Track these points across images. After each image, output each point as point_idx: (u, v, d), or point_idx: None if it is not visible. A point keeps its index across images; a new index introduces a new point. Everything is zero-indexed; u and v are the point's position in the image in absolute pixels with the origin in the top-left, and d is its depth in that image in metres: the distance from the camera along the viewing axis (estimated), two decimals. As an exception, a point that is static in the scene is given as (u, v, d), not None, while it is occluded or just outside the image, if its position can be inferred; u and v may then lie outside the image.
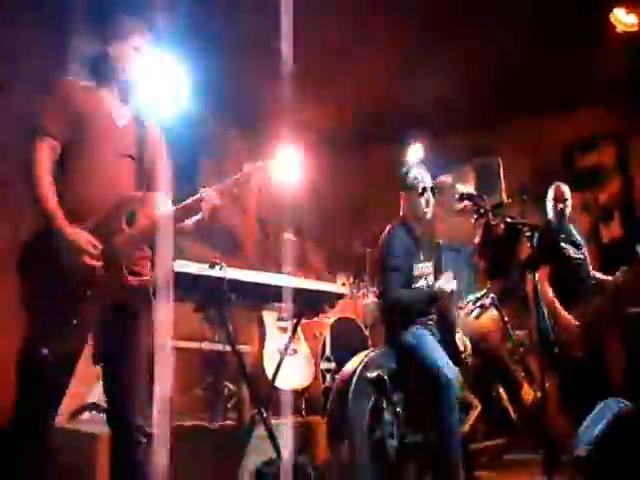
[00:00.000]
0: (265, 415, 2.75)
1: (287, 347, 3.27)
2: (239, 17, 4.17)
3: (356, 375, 2.87)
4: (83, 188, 1.91)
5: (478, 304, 3.76)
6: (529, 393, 3.50)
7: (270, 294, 2.80)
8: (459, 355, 3.13)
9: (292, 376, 3.84)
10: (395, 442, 2.89)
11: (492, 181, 5.81)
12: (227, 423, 3.30)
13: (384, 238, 3.20)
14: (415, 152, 5.71)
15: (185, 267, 2.41)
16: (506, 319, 3.77)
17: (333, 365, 4.16)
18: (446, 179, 3.67)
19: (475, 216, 3.18)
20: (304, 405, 4.02)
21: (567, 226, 4.09)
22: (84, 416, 3.42)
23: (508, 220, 3.17)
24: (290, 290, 2.79)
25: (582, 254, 4.03)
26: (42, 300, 1.81)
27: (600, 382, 3.64)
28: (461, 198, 3.07)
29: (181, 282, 2.35)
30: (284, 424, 3.14)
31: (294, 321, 3.22)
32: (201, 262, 2.49)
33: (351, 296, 4.86)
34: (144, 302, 1.98)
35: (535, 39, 4.52)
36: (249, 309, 3.79)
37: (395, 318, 3.09)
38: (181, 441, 2.65)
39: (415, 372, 2.96)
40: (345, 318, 4.44)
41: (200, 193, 1.99)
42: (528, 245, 3.39)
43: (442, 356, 2.96)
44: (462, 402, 2.96)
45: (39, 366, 1.78)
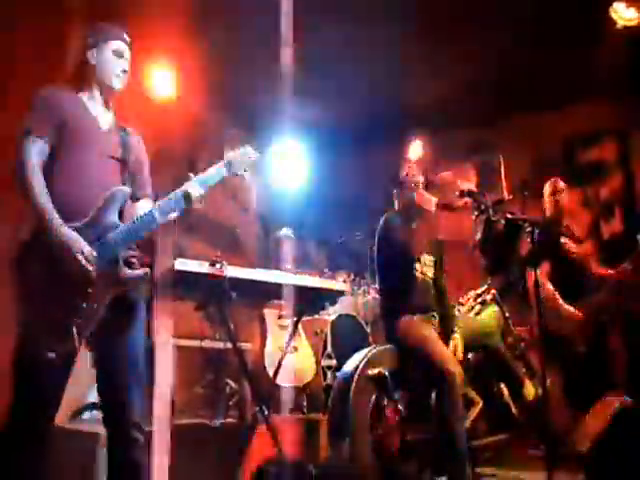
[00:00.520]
0: (266, 413, 2.75)
1: (288, 345, 3.27)
2: (239, 16, 4.16)
3: (357, 372, 2.87)
4: (70, 189, 1.93)
5: (479, 300, 3.75)
6: (530, 389, 3.49)
7: (271, 292, 2.80)
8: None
9: (293, 373, 3.84)
10: (397, 439, 2.89)
11: (493, 177, 5.80)
12: (228, 421, 3.30)
13: (383, 222, 3.25)
14: (415, 149, 5.71)
15: (186, 265, 2.41)
16: (507, 315, 3.76)
17: (334, 362, 4.16)
18: (447, 176, 3.66)
19: (476, 212, 3.17)
20: (305, 402, 4.03)
21: (568, 222, 4.08)
22: (85, 416, 3.42)
23: (509, 216, 3.16)
24: (291, 288, 2.79)
25: (583, 250, 4.03)
26: (42, 300, 1.81)
27: (602, 377, 3.64)
28: (462, 195, 3.07)
29: (182, 280, 2.35)
30: (285, 421, 3.14)
31: (295, 319, 3.22)
32: (202, 260, 2.48)
33: (352, 293, 4.86)
34: (141, 296, 1.99)
35: (535, 35, 4.51)
36: (250, 307, 3.79)
37: (396, 314, 3.09)
38: (182, 439, 2.65)
39: (417, 368, 2.96)
40: (346, 315, 4.44)
41: (184, 185, 2.05)
42: (529, 241, 3.39)
43: (445, 351, 2.95)
44: (464, 398, 2.96)
45: (38, 367, 1.78)
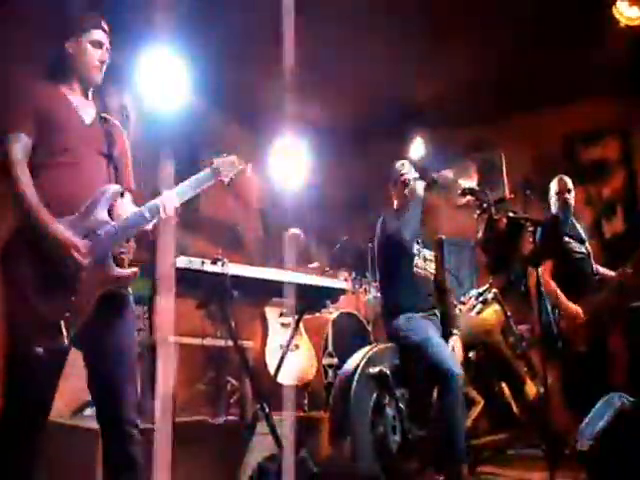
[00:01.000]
0: (267, 410, 2.75)
1: (289, 343, 3.27)
2: (240, 15, 4.16)
3: (358, 370, 2.87)
4: (57, 185, 1.91)
5: (480, 299, 3.75)
6: (532, 388, 3.49)
7: (272, 290, 2.80)
8: None
9: (294, 372, 3.84)
10: (398, 438, 2.89)
11: (494, 176, 5.80)
12: (229, 418, 3.30)
13: (380, 220, 3.25)
14: (416, 147, 5.71)
15: (187, 263, 2.41)
16: (509, 314, 3.76)
17: (335, 360, 4.16)
18: (448, 174, 3.66)
19: (477, 211, 3.17)
20: (306, 400, 4.03)
21: (571, 220, 4.07)
22: (86, 412, 3.43)
23: (510, 215, 3.16)
24: (292, 286, 2.79)
25: (585, 249, 4.02)
26: (30, 295, 1.80)
27: (603, 377, 3.64)
28: (463, 193, 3.07)
29: (183, 278, 2.35)
30: (286, 420, 3.14)
31: (296, 317, 3.22)
32: (203, 258, 2.49)
33: (353, 291, 4.86)
34: (130, 293, 1.98)
35: (537, 34, 4.50)
36: (251, 305, 3.79)
37: (397, 313, 3.09)
38: (183, 436, 2.65)
39: (419, 367, 2.95)
40: (347, 313, 4.44)
41: (162, 194, 2.01)
42: (530, 240, 3.39)
43: (447, 350, 2.95)
44: (465, 397, 2.96)
45: (28, 363, 1.77)
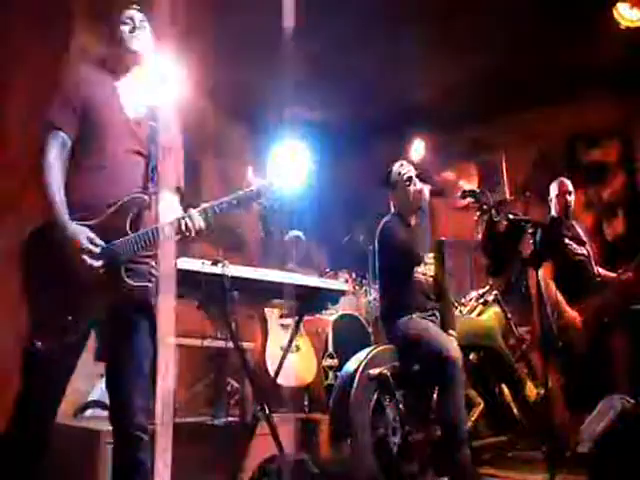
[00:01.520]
0: (268, 412, 2.75)
1: (290, 344, 3.27)
2: (242, 14, 4.16)
3: (359, 372, 2.87)
4: (90, 185, 1.90)
5: (481, 301, 3.75)
6: (532, 390, 3.49)
7: (273, 291, 2.80)
8: None
9: (295, 373, 3.85)
10: (398, 439, 2.89)
11: (495, 178, 5.80)
12: (230, 419, 3.30)
13: (381, 227, 3.23)
14: (417, 149, 5.71)
15: (188, 264, 2.41)
16: (509, 316, 3.76)
17: (336, 362, 4.17)
18: (449, 176, 3.66)
19: (478, 213, 3.17)
20: (307, 402, 4.03)
21: (571, 222, 4.08)
22: (88, 413, 3.43)
23: (511, 217, 3.16)
24: (292, 287, 2.79)
25: (586, 250, 4.02)
26: (40, 293, 1.81)
27: (602, 379, 3.64)
28: (464, 195, 3.07)
29: (184, 279, 2.35)
30: (286, 421, 3.14)
31: (297, 318, 3.22)
32: (203, 259, 2.49)
33: (354, 293, 4.87)
34: (145, 303, 1.96)
35: (537, 35, 4.51)
36: (252, 306, 3.79)
37: (397, 314, 3.09)
38: (183, 437, 2.65)
39: (418, 359, 2.96)
40: (348, 315, 4.44)
41: (187, 213, 1.96)
42: (531, 242, 3.39)
43: (447, 339, 2.95)
44: (465, 399, 2.95)
45: (36, 360, 1.78)
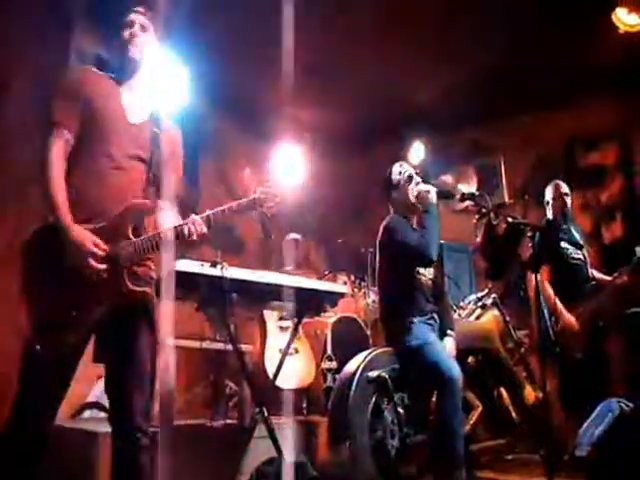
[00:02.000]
0: (266, 414, 2.75)
1: (288, 346, 3.27)
2: (241, 15, 4.17)
3: (357, 375, 2.87)
4: (89, 188, 1.90)
5: (479, 304, 3.75)
6: (530, 393, 3.49)
7: (271, 293, 2.80)
8: None
9: (293, 375, 3.84)
10: (396, 442, 2.89)
11: (494, 181, 5.81)
12: (228, 422, 3.30)
13: (385, 226, 3.17)
14: (416, 151, 5.72)
15: (187, 266, 2.41)
16: (507, 319, 3.76)
17: (334, 364, 4.16)
18: (447, 179, 3.67)
19: (476, 216, 3.17)
20: (305, 404, 4.03)
21: (568, 226, 4.08)
22: (85, 415, 3.43)
23: (509, 220, 3.16)
24: (291, 289, 2.79)
25: (582, 254, 4.03)
26: (42, 294, 1.80)
27: (598, 382, 3.65)
28: (462, 198, 3.07)
29: (183, 281, 2.36)
30: (285, 423, 3.14)
31: (295, 320, 3.22)
32: (202, 261, 2.49)
33: (352, 295, 4.87)
34: (145, 307, 1.96)
35: (536, 39, 4.52)
36: (250, 308, 3.79)
37: (397, 317, 3.09)
38: (182, 440, 2.65)
39: (418, 372, 2.95)
40: (346, 317, 4.44)
41: (190, 219, 1.97)
42: (529, 245, 3.39)
43: (446, 354, 2.95)
44: (463, 403, 2.95)
45: (36, 361, 1.78)
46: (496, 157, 5.88)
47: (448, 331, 3.10)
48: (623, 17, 4.18)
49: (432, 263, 3.09)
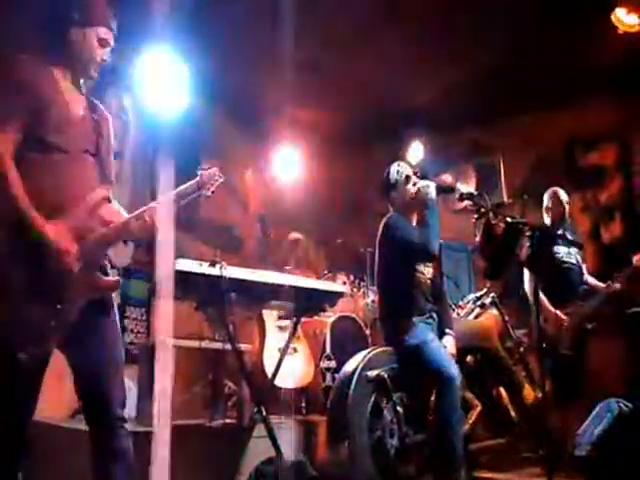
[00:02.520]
0: (265, 414, 2.75)
1: (287, 346, 3.27)
2: (240, 16, 4.17)
3: (356, 374, 2.86)
4: (44, 185, 1.83)
5: (478, 303, 3.75)
6: (530, 393, 3.49)
7: (270, 293, 2.80)
8: None
9: (292, 375, 3.84)
10: (395, 441, 2.89)
11: (493, 180, 5.81)
12: (227, 421, 3.30)
13: (385, 223, 3.16)
14: (415, 151, 5.72)
15: (186, 266, 2.41)
16: (506, 318, 3.76)
17: (333, 364, 4.16)
18: (446, 178, 3.66)
19: (475, 215, 3.17)
20: (304, 404, 4.03)
21: (564, 230, 4.10)
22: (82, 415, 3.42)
23: (509, 220, 3.17)
24: (290, 289, 2.79)
25: (575, 258, 4.07)
26: (17, 300, 1.75)
27: (588, 382, 3.70)
28: (461, 197, 3.07)
29: (182, 281, 2.35)
30: (284, 423, 3.14)
31: (294, 320, 3.22)
32: (201, 261, 2.49)
33: (351, 295, 4.87)
34: (108, 298, 1.95)
35: (536, 39, 4.52)
36: (249, 308, 3.79)
37: (396, 316, 3.09)
38: (181, 440, 2.65)
39: (417, 371, 2.95)
40: (345, 317, 4.44)
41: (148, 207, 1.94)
42: (527, 245, 3.39)
43: (445, 353, 2.95)
44: (462, 402, 2.95)
45: (11, 369, 1.74)
46: (495, 157, 5.89)
47: (447, 330, 3.10)
48: (622, 17, 4.18)
49: (434, 258, 3.09)
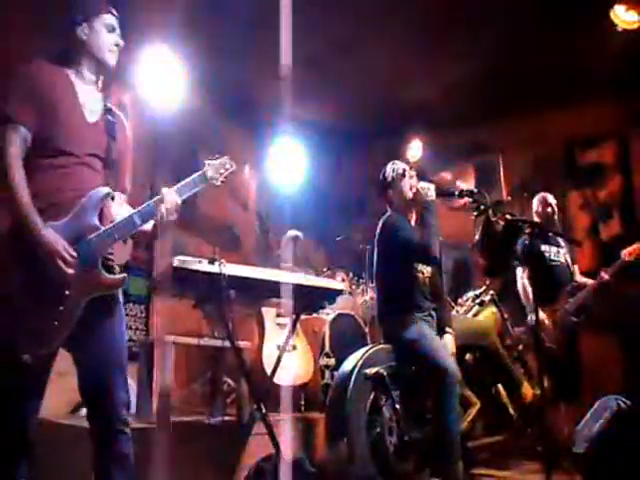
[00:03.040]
0: (264, 411, 2.75)
1: (286, 343, 3.27)
2: (240, 14, 4.16)
3: (355, 371, 2.87)
4: (49, 185, 1.84)
5: (477, 301, 3.76)
6: (528, 390, 3.50)
7: (269, 290, 2.80)
8: None
9: (291, 372, 3.84)
10: (394, 439, 2.89)
11: (492, 178, 5.82)
12: (226, 419, 3.30)
13: (383, 222, 3.17)
14: (415, 149, 5.72)
15: (184, 263, 2.41)
16: (505, 316, 3.77)
17: (332, 361, 4.17)
18: (446, 176, 3.67)
19: (475, 213, 3.18)
20: (303, 401, 4.03)
21: (553, 230, 4.15)
22: (82, 412, 3.42)
23: (508, 217, 3.17)
24: (289, 286, 2.79)
25: (563, 258, 4.13)
26: (19, 302, 1.75)
27: (578, 379, 3.77)
28: (461, 195, 3.07)
29: (180, 278, 2.35)
30: (283, 420, 3.14)
31: (293, 317, 3.22)
32: (200, 258, 2.48)
33: (350, 292, 4.87)
34: (115, 296, 1.95)
35: (535, 37, 4.52)
36: (248, 305, 3.79)
37: (395, 313, 3.09)
38: (180, 437, 2.65)
39: (416, 365, 2.96)
40: (344, 314, 4.44)
41: (163, 192, 1.97)
42: (526, 242, 3.41)
43: (444, 349, 2.95)
44: (461, 399, 2.96)
45: (15, 371, 1.74)
46: (495, 155, 5.89)
47: (446, 329, 3.11)
48: (621, 14, 4.18)
49: (436, 262, 3.09)
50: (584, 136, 5.54)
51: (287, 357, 3.53)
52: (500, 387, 3.50)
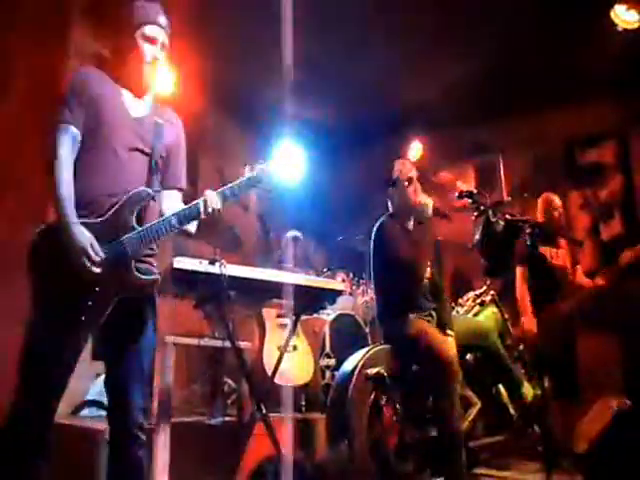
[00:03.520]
0: (265, 411, 2.75)
1: (287, 344, 3.27)
2: (240, 15, 4.16)
3: (356, 372, 2.87)
4: (92, 182, 1.90)
5: (478, 301, 3.76)
6: (529, 390, 3.50)
7: (270, 291, 2.80)
8: None
9: (292, 373, 3.84)
10: (395, 439, 2.89)
11: (492, 178, 5.81)
12: (227, 419, 3.30)
13: (377, 227, 3.20)
14: (415, 149, 5.72)
15: (185, 263, 2.41)
16: (506, 316, 3.77)
17: (333, 362, 4.17)
18: (446, 176, 3.67)
19: (475, 213, 3.18)
20: (304, 402, 4.03)
21: (561, 231, 4.15)
22: (84, 412, 3.43)
23: (508, 217, 3.17)
24: (290, 287, 2.79)
25: (562, 260, 4.13)
26: (50, 296, 1.80)
27: (576, 380, 3.74)
28: (461, 195, 3.08)
29: (181, 278, 2.35)
30: (284, 421, 3.14)
31: (294, 318, 3.22)
32: (201, 259, 2.49)
33: (351, 293, 4.87)
34: (149, 299, 1.97)
35: (536, 37, 4.51)
36: (249, 306, 3.79)
37: (394, 314, 3.09)
38: (180, 437, 2.65)
39: (418, 364, 2.96)
40: (345, 315, 4.44)
41: (203, 196, 2.00)
42: (527, 242, 3.40)
43: (444, 342, 2.95)
44: (462, 399, 2.96)
45: (44, 364, 1.77)
46: (495, 155, 5.88)
47: (447, 331, 3.11)
48: (622, 14, 4.18)
49: (421, 282, 3.10)
50: (584, 136, 5.53)
51: (288, 357, 3.53)
52: (501, 387, 3.50)
